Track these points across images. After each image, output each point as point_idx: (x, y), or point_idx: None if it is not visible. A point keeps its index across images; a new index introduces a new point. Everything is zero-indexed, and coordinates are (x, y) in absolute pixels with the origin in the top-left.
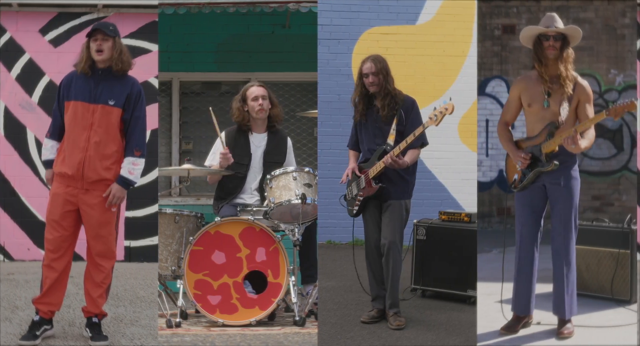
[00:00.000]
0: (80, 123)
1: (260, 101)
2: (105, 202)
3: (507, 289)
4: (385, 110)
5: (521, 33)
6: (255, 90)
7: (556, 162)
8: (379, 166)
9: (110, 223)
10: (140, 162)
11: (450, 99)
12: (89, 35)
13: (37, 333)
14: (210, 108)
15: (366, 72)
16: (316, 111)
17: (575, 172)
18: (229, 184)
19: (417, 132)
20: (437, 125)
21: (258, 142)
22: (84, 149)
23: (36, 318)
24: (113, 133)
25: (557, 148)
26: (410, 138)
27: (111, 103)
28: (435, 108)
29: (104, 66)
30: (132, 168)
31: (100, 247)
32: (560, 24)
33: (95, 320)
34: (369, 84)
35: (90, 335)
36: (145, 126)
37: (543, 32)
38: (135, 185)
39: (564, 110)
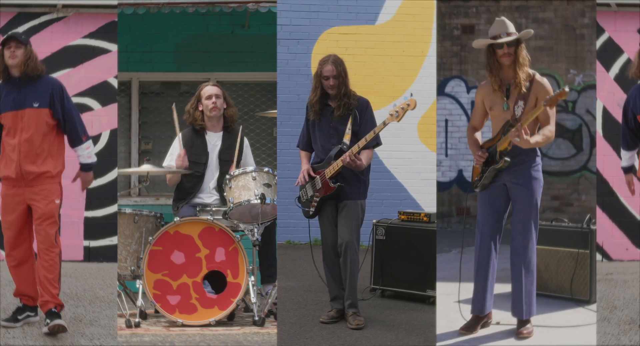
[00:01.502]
0: (11, 130)
1: (214, 99)
2: (49, 195)
3: (466, 289)
4: (340, 110)
5: (474, 43)
6: (209, 89)
7: (507, 159)
8: (336, 165)
9: (53, 214)
10: (90, 144)
11: (412, 95)
12: (2, 44)
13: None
14: (174, 105)
15: (327, 74)
16: (275, 111)
17: (537, 172)
18: (187, 184)
19: (377, 129)
20: (398, 121)
21: (214, 141)
22: (18, 151)
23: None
24: (42, 132)
25: (509, 146)
26: (370, 136)
27: (36, 105)
28: (395, 105)
29: (19, 73)
30: (87, 152)
31: (46, 235)
32: (511, 28)
33: (54, 310)
34: (329, 86)
35: (48, 321)
36: (78, 113)
37: (495, 43)
38: (94, 184)
39: (519, 109)
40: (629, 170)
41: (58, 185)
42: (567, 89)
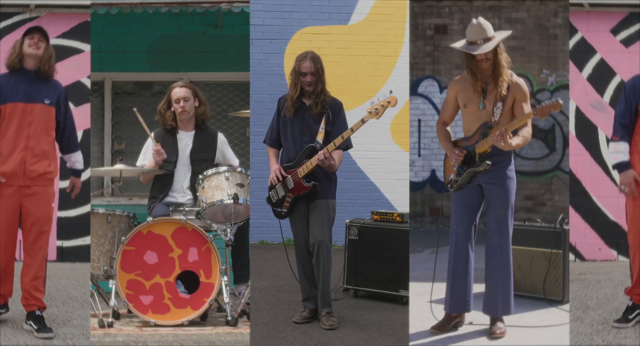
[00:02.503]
0: (19, 123)
1: (182, 103)
2: (47, 198)
3: (440, 289)
4: (316, 109)
5: (452, 45)
6: (177, 92)
7: (488, 162)
8: (310, 164)
9: (50, 219)
10: (80, 153)
11: (391, 92)
12: (25, 34)
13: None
14: (135, 109)
15: (305, 71)
16: (248, 111)
17: (511, 171)
18: (159, 182)
19: (355, 127)
20: (378, 118)
21: (186, 140)
22: (25, 148)
23: None
24: (47, 131)
25: (489, 149)
26: (347, 134)
27: (47, 102)
28: (373, 103)
29: (33, 67)
30: (81, 158)
31: (42, 241)
32: (489, 31)
33: (38, 312)
34: (306, 82)
35: (35, 327)
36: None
37: (473, 53)
38: (67, 184)
39: (497, 110)
40: (626, 165)
41: (53, 188)
42: (561, 101)
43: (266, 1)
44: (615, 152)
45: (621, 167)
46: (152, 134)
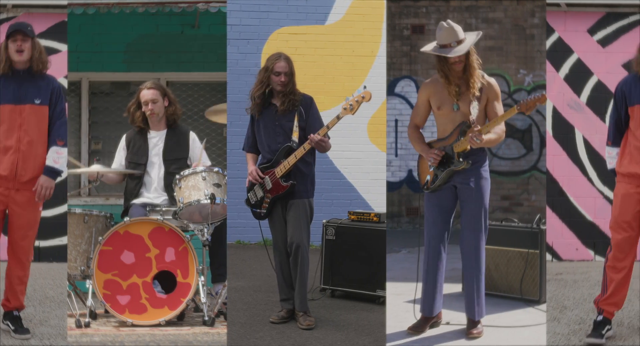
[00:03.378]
0: (8, 125)
1: (150, 106)
2: (36, 203)
3: (412, 289)
4: (284, 106)
5: (423, 49)
6: (145, 94)
7: (469, 161)
8: (287, 164)
9: (37, 222)
10: (64, 152)
11: (365, 87)
12: (7, 36)
13: None
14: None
15: (280, 70)
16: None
17: (486, 172)
18: (130, 184)
19: (331, 124)
20: (353, 114)
21: (156, 140)
22: (16, 150)
23: None
24: (43, 132)
25: (468, 147)
26: (323, 131)
27: (37, 101)
28: (348, 99)
29: (24, 67)
30: (57, 157)
31: (27, 245)
32: (460, 34)
33: (16, 313)
34: (279, 82)
35: (12, 328)
36: (66, 118)
37: (446, 56)
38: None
39: (474, 110)
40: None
41: None
42: (545, 94)
43: (243, 1)
44: (610, 157)
45: (614, 172)
46: (124, 137)
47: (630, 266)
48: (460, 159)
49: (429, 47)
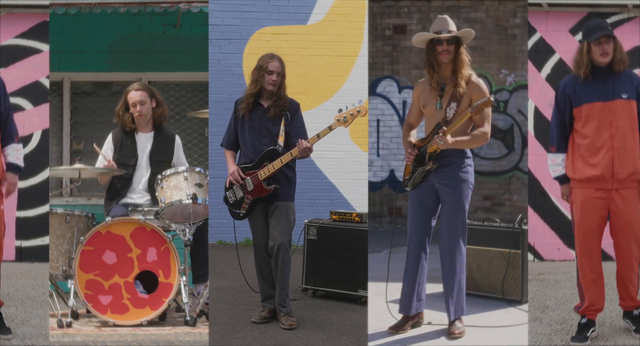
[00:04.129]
0: None
1: (138, 108)
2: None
3: (397, 289)
4: (275, 110)
5: (414, 38)
6: (132, 96)
7: (433, 162)
8: (271, 167)
9: (2, 220)
10: (21, 147)
11: (361, 102)
12: None
13: None
14: (94, 144)
15: (273, 69)
16: (207, 111)
17: (466, 173)
18: (117, 185)
19: (322, 133)
20: (346, 127)
21: (144, 141)
22: None
23: None
24: None
25: (439, 149)
26: (313, 140)
27: None
28: (341, 111)
29: None
30: (17, 154)
31: None
32: (452, 26)
33: None
34: (271, 81)
35: None
36: (12, 114)
37: (436, 38)
38: (25, 184)
39: (451, 110)
40: (565, 178)
41: (1, 189)
42: (492, 98)
43: (225, 1)
44: (554, 165)
45: (561, 180)
46: (111, 136)
47: (601, 270)
48: (429, 159)
49: (418, 35)
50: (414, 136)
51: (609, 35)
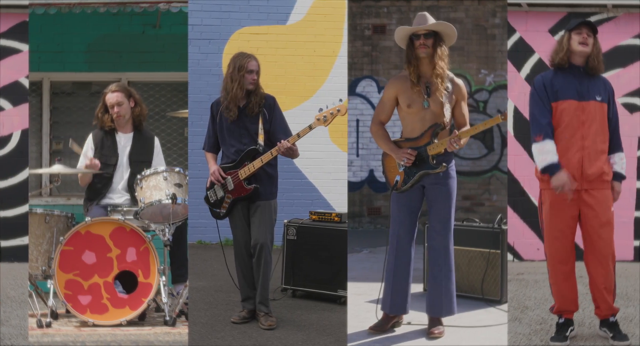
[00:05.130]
0: None
1: (116, 109)
2: None
3: (376, 289)
4: (255, 109)
5: (395, 34)
6: (110, 98)
7: (444, 164)
8: (252, 167)
9: None
10: None
11: (341, 101)
12: None
13: None
14: (70, 140)
15: (252, 69)
16: (187, 111)
17: (453, 171)
18: (97, 184)
19: (302, 133)
20: (326, 126)
21: (124, 141)
22: None
23: None
24: None
25: (443, 150)
26: (294, 139)
27: None
28: (321, 110)
29: None
30: None
31: None
32: (430, 21)
33: None
34: (252, 81)
35: None
36: None
37: (413, 31)
38: (5, 184)
39: (447, 111)
40: (557, 166)
41: None
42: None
43: (204, 1)
44: (542, 152)
45: (552, 168)
46: (91, 136)
47: (572, 272)
48: (435, 162)
49: (398, 29)
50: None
51: (590, 24)
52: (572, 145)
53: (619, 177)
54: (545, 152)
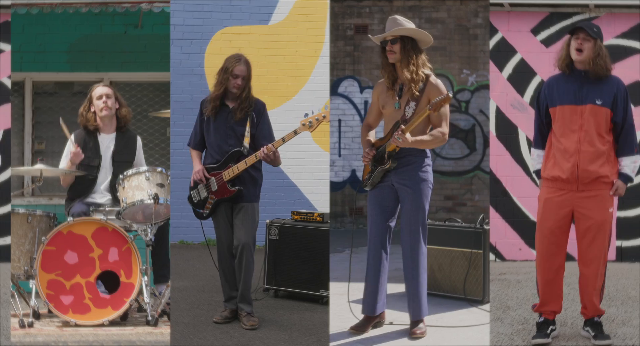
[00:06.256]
0: None
1: (104, 99)
2: None
3: (359, 289)
4: (241, 113)
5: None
6: (99, 90)
7: (391, 161)
8: (236, 169)
9: None
10: None
11: (327, 108)
12: None
13: None
14: (61, 120)
15: (238, 73)
16: (169, 111)
17: (425, 173)
18: (80, 185)
19: (287, 137)
20: (312, 131)
21: (107, 142)
22: None
23: None
24: None
25: (397, 148)
26: (278, 143)
27: None
28: (307, 115)
29: None
30: None
31: None
32: (400, 26)
33: None
34: (236, 85)
35: None
36: None
37: (380, 39)
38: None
39: (409, 110)
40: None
41: None
42: (450, 95)
43: (186, 1)
44: (533, 159)
45: (537, 174)
46: (73, 136)
47: (561, 273)
48: (388, 158)
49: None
50: (373, 136)
51: (583, 29)
52: (569, 148)
53: (625, 178)
54: (533, 159)
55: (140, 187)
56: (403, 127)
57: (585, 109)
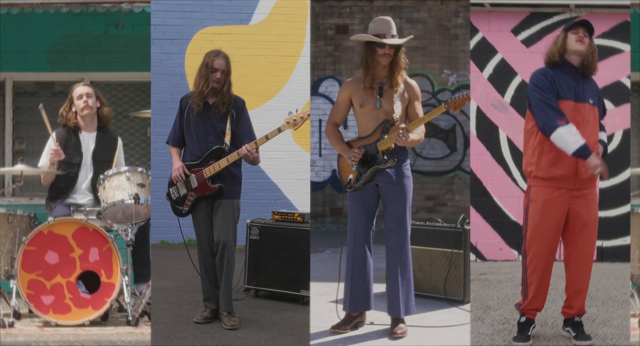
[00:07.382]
0: None
1: (85, 98)
2: None
3: (339, 289)
4: (222, 109)
5: (355, 36)
6: (80, 89)
7: (395, 159)
8: (217, 166)
9: None
10: None
11: (309, 113)
12: None
13: None
14: (41, 105)
15: (217, 67)
16: (149, 111)
17: (408, 170)
18: (61, 184)
19: (271, 135)
20: (296, 129)
21: (88, 140)
22: None
23: None
24: None
25: (393, 145)
26: (261, 141)
27: None
28: (291, 113)
29: None
30: None
31: None
32: (394, 30)
33: None
34: (216, 79)
35: None
36: None
37: (379, 42)
38: None
39: (398, 108)
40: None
41: None
42: (469, 93)
43: (167, 1)
44: (572, 134)
45: (586, 150)
46: (54, 134)
47: (549, 271)
48: (385, 157)
49: (362, 36)
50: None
51: (586, 24)
52: None
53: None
54: (575, 133)
55: (120, 187)
56: (404, 125)
57: (584, 107)
